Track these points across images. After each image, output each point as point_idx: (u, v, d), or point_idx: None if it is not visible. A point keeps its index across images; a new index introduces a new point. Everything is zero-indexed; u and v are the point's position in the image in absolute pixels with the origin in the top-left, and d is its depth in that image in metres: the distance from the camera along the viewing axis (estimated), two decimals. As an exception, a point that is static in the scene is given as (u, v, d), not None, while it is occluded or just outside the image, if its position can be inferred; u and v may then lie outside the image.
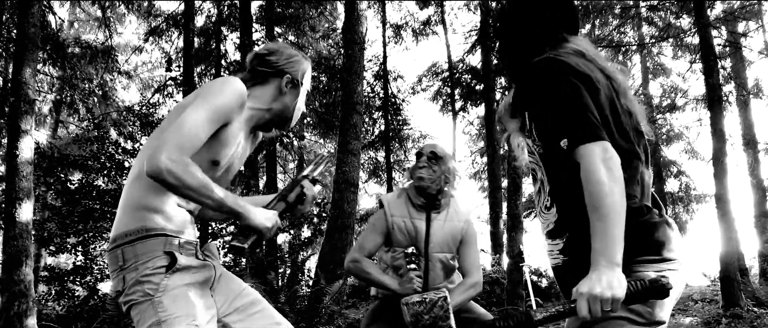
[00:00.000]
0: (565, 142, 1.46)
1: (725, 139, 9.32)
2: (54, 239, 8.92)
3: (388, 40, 17.59)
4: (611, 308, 1.36)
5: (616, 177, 1.40)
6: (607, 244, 1.38)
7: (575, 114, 1.47)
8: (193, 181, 1.66)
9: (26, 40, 6.72)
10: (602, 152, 1.42)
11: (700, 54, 9.99)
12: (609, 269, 1.37)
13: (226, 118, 1.83)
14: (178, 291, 1.76)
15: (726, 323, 7.68)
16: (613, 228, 1.38)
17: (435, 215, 3.01)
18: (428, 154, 3.00)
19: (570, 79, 1.51)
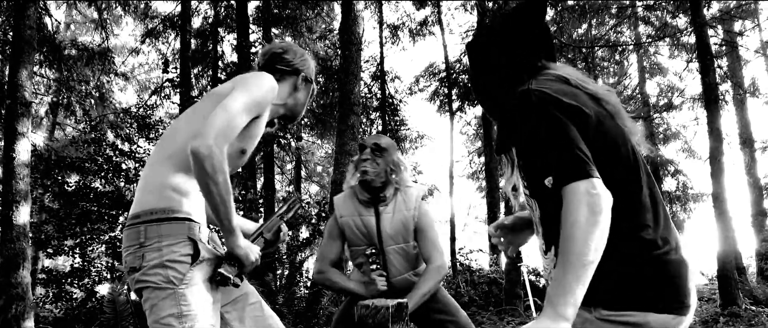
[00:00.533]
0: (550, 181, 1.36)
1: (722, 138, 9.33)
2: (51, 241, 8.91)
3: (385, 41, 17.59)
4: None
5: (598, 221, 1.28)
6: (558, 294, 1.27)
7: (560, 150, 1.36)
8: (223, 177, 1.71)
9: (22, 42, 6.71)
10: (587, 190, 1.30)
11: (697, 53, 10.01)
12: (551, 321, 1.27)
13: (260, 110, 1.93)
14: (200, 287, 1.77)
15: (724, 322, 7.69)
16: (573, 279, 1.26)
17: (383, 208, 2.96)
18: (371, 145, 2.96)
19: (553, 113, 1.40)
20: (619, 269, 1.39)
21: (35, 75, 13.02)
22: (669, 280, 1.40)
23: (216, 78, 13.85)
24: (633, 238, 1.41)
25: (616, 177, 1.42)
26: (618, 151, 1.47)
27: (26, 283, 6.20)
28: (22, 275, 6.15)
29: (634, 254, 1.40)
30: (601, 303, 1.39)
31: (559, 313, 1.26)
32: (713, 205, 8.95)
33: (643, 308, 1.37)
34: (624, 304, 1.38)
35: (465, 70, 17.43)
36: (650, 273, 1.39)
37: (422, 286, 2.82)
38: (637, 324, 1.37)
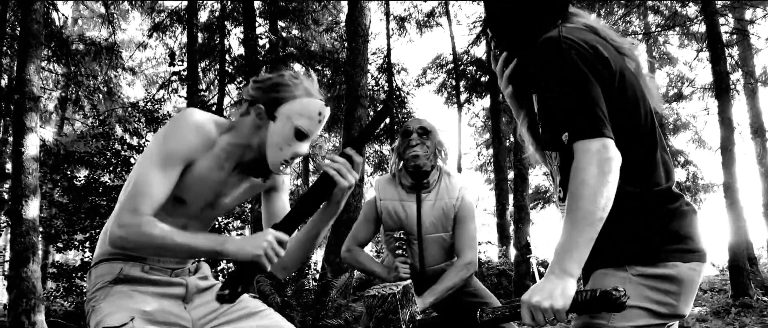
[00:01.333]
0: (566, 137, 1.37)
1: (733, 128, 9.24)
2: (61, 235, 8.95)
3: (392, 33, 17.54)
4: (555, 317, 1.32)
5: (607, 181, 1.30)
6: (566, 250, 1.32)
7: (579, 107, 1.37)
8: (150, 240, 1.60)
9: (30, 37, 6.72)
10: (600, 150, 1.32)
11: (707, 42, 9.90)
12: (557, 278, 1.32)
13: (184, 160, 1.71)
14: (115, 296, 1.76)
15: (735, 313, 7.63)
16: (578, 236, 1.31)
17: (425, 195, 2.89)
18: (417, 129, 2.88)
19: (578, 67, 1.40)
20: (645, 227, 1.42)
21: (43, 70, 13.07)
22: (689, 230, 1.45)
23: (223, 71, 13.85)
24: (654, 194, 1.44)
25: (634, 133, 1.45)
26: (637, 109, 1.48)
27: (36, 277, 6.23)
28: (32, 269, 6.19)
29: (657, 209, 1.44)
30: (636, 260, 1.42)
31: (564, 270, 1.32)
32: (724, 195, 8.88)
33: (673, 259, 1.41)
34: (656, 257, 1.41)
35: (473, 61, 17.35)
36: (674, 225, 1.43)
37: (447, 280, 2.76)
38: (670, 276, 1.41)
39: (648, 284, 1.41)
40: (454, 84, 17.86)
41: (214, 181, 1.80)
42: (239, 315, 1.94)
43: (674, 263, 1.41)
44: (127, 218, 1.60)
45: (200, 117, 1.73)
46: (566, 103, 1.39)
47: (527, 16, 1.60)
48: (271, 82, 1.78)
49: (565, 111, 1.39)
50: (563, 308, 1.31)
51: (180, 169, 1.70)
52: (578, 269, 1.32)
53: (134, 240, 1.60)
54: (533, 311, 1.34)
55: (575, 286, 1.33)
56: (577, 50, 1.42)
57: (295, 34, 15.79)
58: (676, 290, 1.41)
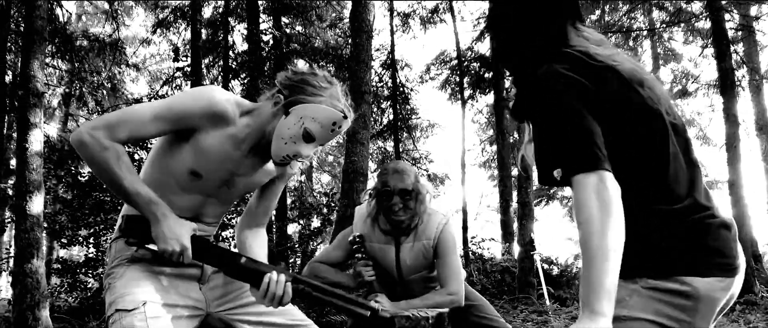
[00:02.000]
0: (558, 173, 1.33)
1: (738, 125, 9.20)
2: (65, 231, 8.97)
3: (396, 29, 17.49)
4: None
5: (611, 212, 1.25)
6: (588, 291, 1.25)
7: (572, 140, 1.32)
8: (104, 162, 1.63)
9: (34, 33, 6.72)
10: (597, 184, 1.27)
11: (712, 38, 9.86)
12: (589, 320, 1.24)
13: (182, 122, 1.73)
14: (131, 276, 1.79)
15: (740, 310, 7.61)
16: (598, 275, 1.24)
17: (404, 238, 2.85)
18: (398, 192, 2.76)
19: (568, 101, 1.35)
20: (661, 238, 1.37)
21: (47, 66, 13.08)
22: (714, 244, 1.38)
23: (227, 68, 13.85)
24: (673, 210, 1.38)
25: (642, 149, 1.40)
26: (644, 122, 1.42)
27: (40, 272, 6.25)
28: (36, 265, 6.20)
29: (673, 221, 1.38)
30: (646, 273, 1.37)
31: (594, 311, 1.23)
32: (729, 192, 8.85)
33: (687, 273, 1.35)
34: (669, 271, 1.36)
35: (476, 58, 17.31)
36: (691, 238, 1.37)
37: (429, 298, 2.72)
38: (685, 292, 1.35)
39: (659, 298, 1.35)
40: (458, 80, 17.81)
41: (229, 158, 1.83)
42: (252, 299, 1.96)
43: (691, 278, 1.34)
44: (100, 132, 1.63)
45: (219, 94, 1.76)
46: (557, 138, 1.35)
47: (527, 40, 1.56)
48: (301, 78, 1.82)
49: (557, 147, 1.34)
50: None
51: (172, 127, 1.74)
52: (609, 305, 1.24)
53: (92, 155, 1.63)
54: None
55: (609, 325, 1.25)
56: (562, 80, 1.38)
57: (299, 30, 15.78)
58: (691, 307, 1.34)
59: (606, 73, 1.44)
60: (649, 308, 1.35)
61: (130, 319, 1.70)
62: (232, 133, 1.80)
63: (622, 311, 1.36)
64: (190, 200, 1.88)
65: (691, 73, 17.23)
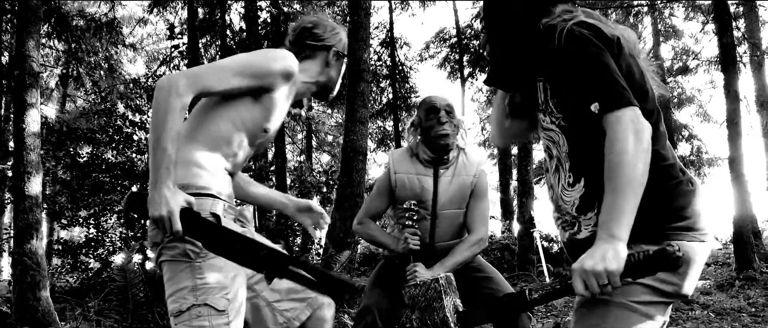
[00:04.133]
0: (596, 107, 1.38)
1: (739, 101, 9.15)
2: (65, 212, 8.98)
3: (395, 7, 17.36)
4: (609, 281, 1.29)
5: (643, 149, 1.33)
6: (612, 217, 1.32)
7: (606, 79, 1.39)
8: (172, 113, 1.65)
9: (28, 12, 6.64)
10: (633, 119, 1.34)
11: (714, 14, 9.77)
12: (606, 243, 1.31)
13: (261, 80, 1.84)
14: (217, 260, 1.75)
15: (739, 286, 7.64)
16: (624, 202, 1.31)
17: (443, 170, 2.86)
18: (445, 107, 2.83)
19: (594, 43, 1.44)
20: (654, 203, 1.42)
21: (44, 47, 12.99)
22: (694, 209, 1.45)
23: (224, 47, 13.74)
24: (661, 170, 1.45)
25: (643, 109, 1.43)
26: (644, 85, 1.52)
27: (40, 253, 6.25)
28: (36, 246, 6.20)
29: (663, 186, 1.44)
30: (641, 238, 1.40)
31: (613, 235, 1.31)
32: (730, 169, 8.83)
33: (678, 238, 1.41)
34: (662, 235, 1.41)
35: (476, 35, 17.19)
36: (679, 204, 1.44)
37: (458, 254, 2.77)
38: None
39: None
40: (457, 58, 17.74)
41: (284, 113, 2.03)
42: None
43: (679, 242, 1.38)
44: (185, 83, 1.69)
45: (293, 59, 1.92)
46: (589, 77, 1.42)
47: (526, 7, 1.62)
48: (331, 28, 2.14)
49: (590, 84, 1.41)
50: (618, 269, 1.29)
51: (250, 84, 1.83)
52: (627, 233, 1.31)
53: (160, 99, 1.66)
54: (586, 277, 1.31)
55: (626, 249, 1.31)
56: (590, 31, 1.46)
57: (297, 8, 15.63)
58: (682, 270, 1.40)
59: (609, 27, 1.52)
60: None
61: (219, 321, 1.71)
62: (292, 91, 2.00)
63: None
64: (249, 152, 1.99)
65: (692, 50, 17.13)
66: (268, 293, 2.00)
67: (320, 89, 2.14)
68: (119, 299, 5.43)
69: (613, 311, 1.39)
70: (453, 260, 2.75)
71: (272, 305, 2.00)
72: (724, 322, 5.47)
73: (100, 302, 6.69)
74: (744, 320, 5.54)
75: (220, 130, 1.87)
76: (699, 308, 6.27)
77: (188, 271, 1.73)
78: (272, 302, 2.00)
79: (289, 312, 2.00)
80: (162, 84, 1.68)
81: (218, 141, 1.86)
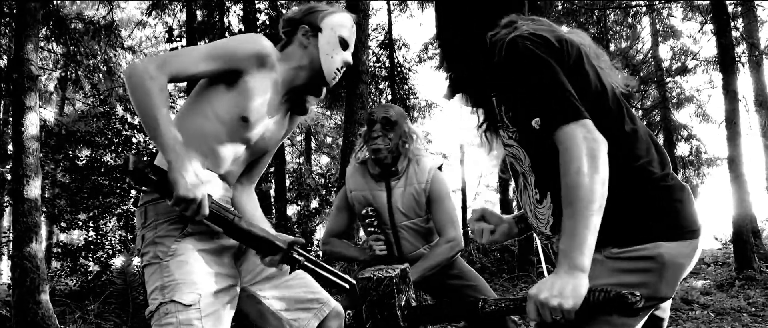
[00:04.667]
0: (537, 122, 1.31)
1: (738, 101, 9.16)
2: (64, 215, 8.97)
3: (393, 8, 17.36)
4: (563, 316, 1.25)
5: (599, 166, 1.26)
6: (572, 245, 1.25)
7: (548, 92, 1.32)
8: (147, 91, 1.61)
9: (26, 15, 6.64)
10: (586, 136, 1.27)
11: (712, 14, 9.78)
12: (568, 275, 1.25)
13: (231, 62, 1.79)
14: (186, 257, 1.75)
15: (739, 286, 7.64)
16: (584, 228, 1.24)
17: (394, 182, 2.85)
18: (381, 120, 2.80)
19: (540, 56, 1.36)
20: (623, 205, 1.36)
21: (42, 50, 12.98)
22: (673, 206, 1.39)
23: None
24: (630, 172, 1.39)
25: (603, 115, 1.40)
26: (603, 87, 1.44)
27: (40, 256, 6.24)
28: (35, 249, 6.19)
29: (633, 188, 1.38)
30: (611, 242, 1.36)
31: (574, 265, 1.25)
32: (729, 168, 8.84)
33: (652, 239, 1.35)
34: (633, 238, 1.36)
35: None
36: (653, 203, 1.38)
37: (429, 259, 2.74)
38: (649, 257, 1.34)
39: (620, 267, 1.35)
40: (456, 60, 17.71)
41: (271, 103, 1.91)
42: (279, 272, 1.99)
43: (655, 243, 1.34)
44: (153, 65, 1.65)
45: (265, 41, 1.87)
46: (530, 91, 1.35)
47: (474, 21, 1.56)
48: (307, 7, 2.01)
49: (531, 99, 1.35)
50: (573, 307, 1.23)
51: (220, 67, 1.78)
52: (588, 260, 1.26)
53: (135, 86, 1.62)
54: (540, 308, 1.26)
55: (587, 283, 1.26)
56: (532, 41, 1.38)
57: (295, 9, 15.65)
58: (656, 271, 1.34)
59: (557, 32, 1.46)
60: (612, 278, 1.34)
61: (187, 315, 1.69)
62: (274, 79, 1.90)
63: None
64: (234, 150, 1.89)
65: (691, 50, 17.12)
66: (274, 302, 1.97)
67: (310, 75, 1.97)
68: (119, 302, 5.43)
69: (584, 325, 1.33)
70: (426, 264, 2.72)
71: (278, 314, 1.98)
72: (724, 322, 5.47)
73: (99, 305, 6.68)
74: (744, 320, 5.54)
75: (194, 125, 1.83)
76: (699, 308, 6.27)
77: (158, 272, 1.75)
78: (278, 311, 1.98)
79: (295, 322, 1.98)
80: (132, 71, 1.64)
81: (192, 138, 1.79)
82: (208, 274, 1.77)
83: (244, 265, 1.99)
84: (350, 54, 2.03)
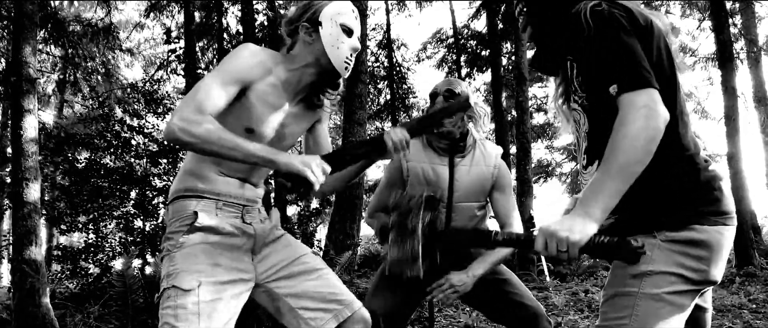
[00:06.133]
0: (615, 88, 1.36)
1: (737, 97, 9.17)
2: (64, 218, 8.95)
3: (392, 8, 17.37)
4: (567, 251, 1.31)
5: (649, 135, 1.29)
6: (593, 196, 1.32)
7: (628, 60, 1.37)
8: (208, 134, 1.68)
9: (24, 18, 6.63)
10: (647, 104, 1.31)
11: (710, 11, 9.78)
12: (579, 217, 1.32)
13: (241, 79, 1.84)
14: (193, 249, 1.86)
15: (740, 282, 7.64)
16: (610, 186, 1.30)
17: (459, 159, 2.64)
18: (444, 93, 2.62)
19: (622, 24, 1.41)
20: (675, 190, 1.42)
21: (40, 53, 12.97)
22: (717, 193, 1.45)
23: (222, 50, 13.73)
24: (683, 158, 1.45)
25: (667, 96, 1.42)
26: (672, 72, 1.49)
27: (40, 259, 6.23)
28: (35, 252, 6.18)
29: (685, 172, 1.44)
30: (664, 226, 1.41)
31: (588, 212, 1.31)
32: (728, 165, 8.84)
33: (702, 223, 1.40)
34: (685, 222, 1.41)
35: (473, 35, 17.18)
36: (702, 188, 1.43)
37: (496, 253, 2.58)
38: (699, 240, 1.40)
39: (678, 250, 1.40)
40: (455, 59, 17.73)
41: (277, 108, 1.96)
42: (300, 270, 2.03)
43: (703, 227, 1.39)
44: (190, 113, 1.70)
45: (256, 47, 1.91)
46: (612, 58, 1.39)
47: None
48: (303, 6, 2.02)
49: (612, 65, 1.38)
50: (578, 242, 1.29)
51: (237, 87, 1.83)
52: (602, 214, 1.31)
53: (192, 131, 1.68)
54: (548, 238, 1.33)
55: (595, 228, 1.32)
56: (618, 10, 1.44)
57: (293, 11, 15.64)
58: (706, 255, 1.40)
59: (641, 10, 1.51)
60: (670, 261, 1.39)
61: (184, 300, 1.78)
62: (272, 83, 1.92)
63: (647, 266, 1.39)
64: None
65: (689, 47, 17.14)
66: (291, 299, 1.99)
67: (319, 70, 1.99)
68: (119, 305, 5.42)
69: (639, 305, 1.39)
70: (492, 259, 2.58)
71: (295, 311, 1.99)
72: (725, 319, 5.47)
73: (100, 308, 6.68)
74: (745, 317, 5.54)
75: None
76: (700, 305, 6.26)
77: (167, 262, 1.87)
78: (296, 309, 1.99)
79: (313, 322, 1.98)
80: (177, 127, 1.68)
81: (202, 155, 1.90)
82: (212, 265, 1.86)
83: (263, 262, 2.03)
84: (357, 39, 2.02)
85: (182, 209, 1.91)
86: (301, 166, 1.76)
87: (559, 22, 1.58)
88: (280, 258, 2.04)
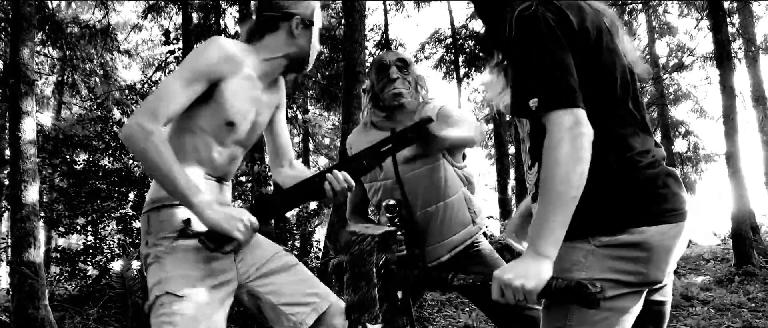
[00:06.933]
0: (535, 103, 1.31)
1: (735, 96, 9.18)
2: (62, 219, 8.94)
3: (389, 8, 17.36)
4: (524, 298, 1.29)
5: (580, 158, 1.26)
6: (540, 233, 1.29)
7: (550, 75, 1.30)
8: (145, 153, 1.68)
9: (22, 20, 6.62)
10: (572, 125, 1.27)
11: (708, 10, 9.80)
12: (532, 259, 1.29)
13: (208, 76, 1.81)
14: (185, 254, 1.83)
15: (739, 281, 7.65)
16: (553, 219, 1.27)
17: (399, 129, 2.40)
18: (396, 62, 2.48)
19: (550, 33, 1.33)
20: (609, 193, 1.38)
21: (39, 54, 12.96)
22: (658, 192, 1.39)
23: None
24: (619, 161, 1.39)
25: (604, 99, 1.39)
26: (613, 76, 1.42)
27: (38, 262, 6.22)
28: (33, 254, 6.17)
29: (621, 175, 1.39)
30: (599, 231, 1.38)
31: (539, 252, 1.28)
32: (727, 164, 8.85)
33: (638, 224, 1.36)
34: (620, 225, 1.37)
35: (471, 35, 17.19)
36: (638, 188, 1.38)
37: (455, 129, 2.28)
38: (636, 243, 1.36)
39: (612, 254, 1.36)
40: (453, 59, 17.73)
41: (253, 98, 1.95)
42: (277, 267, 2.04)
43: (640, 229, 1.35)
44: (143, 120, 1.69)
45: (225, 41, 1.86)
46: (537, 69, 1.33)
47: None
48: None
49: (536, 77, 1.32)
50: (534, 289, 1.27)
51: (203, 85, 1.80)
52: (554, 250, 1.29)
53: (135, 147, 1.69)
54: (504, 287, 1.31)
55: (551, 270, 1.29)
56: (547, 17, 1.36)
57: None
58: (644, 257, 1.36)
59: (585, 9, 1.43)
60: (605, 267, 1.36)
61: (180, 305, 1.77)
62: (248, 75, 1.91)
63: (580, 273, 1.36)
64: (229, 153, 1.98)
65: (687, 46, 17.16)
66: (273, 297, 2.00)
67: (291, 62, 2.01)
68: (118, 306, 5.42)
69: (576, 311, 1.36)
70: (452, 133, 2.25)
71: (277, 308, 1.99)
72: (725, 318, 5.48)
73: (99, 310, 6.67)
74: (744, 316, 5.54)
75: (185, 144, 1.91)
76: (699, 304, 6.27)
77: (157, 269, 1.84)
78: (277, 305, 2.00)
79: (294, 317, 1.99)
80: (128, 135, 1.69)
81: (187, 154, 1.89)
82: (202, 269, 1.85)
83: (242, 262, 2.02)
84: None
85: (169, 217, 1.88)
86: (228, 225, 1.72)
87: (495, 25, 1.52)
88: (256, 257, 2.04)
